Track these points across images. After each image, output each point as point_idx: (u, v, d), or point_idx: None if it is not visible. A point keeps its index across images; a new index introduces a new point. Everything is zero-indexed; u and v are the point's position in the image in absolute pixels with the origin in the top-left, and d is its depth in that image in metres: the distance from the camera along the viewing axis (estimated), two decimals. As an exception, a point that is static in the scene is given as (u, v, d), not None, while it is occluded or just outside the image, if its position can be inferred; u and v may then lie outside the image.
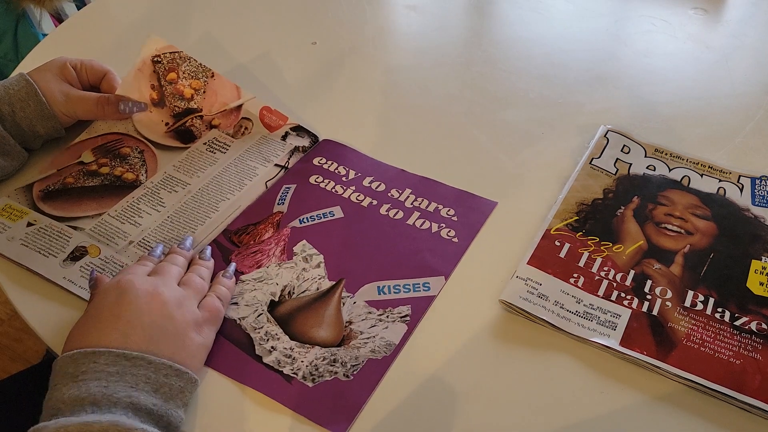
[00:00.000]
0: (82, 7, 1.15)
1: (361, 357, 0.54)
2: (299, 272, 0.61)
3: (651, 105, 0.80)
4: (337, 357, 0.54)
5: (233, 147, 0.73)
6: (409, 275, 0.60)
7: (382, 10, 1.01)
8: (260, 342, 0.56)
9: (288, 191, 0.68)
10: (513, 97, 0.82)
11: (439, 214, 0.66)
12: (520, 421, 0.51)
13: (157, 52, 0.76)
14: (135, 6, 1.01)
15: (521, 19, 0.98)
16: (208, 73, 0.77)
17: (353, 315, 0.57)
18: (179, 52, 0.77)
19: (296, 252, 0.63)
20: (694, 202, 0.66)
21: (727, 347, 0.53)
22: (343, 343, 0.55)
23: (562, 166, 0.71)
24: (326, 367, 0.54)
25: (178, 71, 0.76)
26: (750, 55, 0.89)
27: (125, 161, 0.71)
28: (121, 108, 0.73)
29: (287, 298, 0.59)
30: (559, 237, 0.62)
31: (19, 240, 0.63)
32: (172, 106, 0.76)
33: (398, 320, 0.57)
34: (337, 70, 0.87)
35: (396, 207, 0.67)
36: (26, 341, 1.44)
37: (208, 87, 0.77)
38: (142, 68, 0.76)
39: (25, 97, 0.69)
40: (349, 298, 0.59)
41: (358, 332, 0.56)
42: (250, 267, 0.62)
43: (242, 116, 0.76)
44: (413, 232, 0.64)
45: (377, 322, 0.57)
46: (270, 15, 0.98)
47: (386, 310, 0.58)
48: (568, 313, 0.56)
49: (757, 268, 0.59)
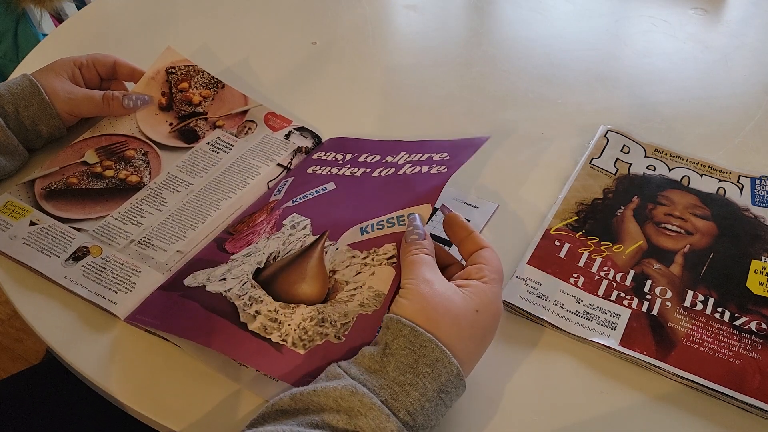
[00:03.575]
0: (82, 7, 1.14)
1: (350, 313, 0.51)
2: (286, 238, 0.59)
3: (651, 105, 0.80)
4: (325, 316, 0.52)
5: (236, 146, 0.73)
6: (393, 210, 0.55)
7: (382, 10, 1.01)
8: (244, 308, 0.53)
9: (286, 183, 0.68)
10: (513, 97, 0.82)
11: (432, 159, 0.62)
12: (520, 421, 0.51)
13: (173, 64, 0.78)
14: (135, 6, 1.01)
15: (521, 19, 0.98)
16: (219, 84, 0.79)
17: (336, 262, 0.54)
18: (194, 66, 0.79)
19: (285, 224, 0.61)
20: (694, 202, 0.66)
21: (727, 347, 0.53)
22: (329, 298, 0.52)
23: (562, 166, 0.71)
24: (315, 329, 0.51)
25: (191, 82, 0.78)
26: (750, 55, 0.89)
27: (129, 164, 0.71)
28: (126, 103, 0.73)
29: (272, 263, 0.57)
30: (559, 237, 0.63)
31: (21, 239, 0.63)
32: (178, 110, 0.77)
33: (384, 263, 0.53)
34: (337, 70, 0.87)
35: (389, 167, 0.63)
36: (26, 341, 1.44)
37: (217, 96, 0.78)
38: (155, 77, 0.77)
39: (28, 97, 0.69)
40: (332, 245, 0.56)
41: (344, 283, 0.53)
42: (240, 247, 0.61)
43: (247, 119, 0.76)
44: (403, 179, 0.60)
45: (362, 267, 0.53)
46: (270, 15, 0.98)
47: (370, 251, 0.54)
48: (568, 313, 0.56)
49: (757, 267, 0.59)
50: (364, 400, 0.42)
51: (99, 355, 0.56)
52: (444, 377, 0.44)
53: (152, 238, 0.64)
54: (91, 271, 0.60)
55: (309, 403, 0.43)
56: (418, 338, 0.44)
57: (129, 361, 0.55)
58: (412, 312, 0.46)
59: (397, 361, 0.44)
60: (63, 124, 0.72)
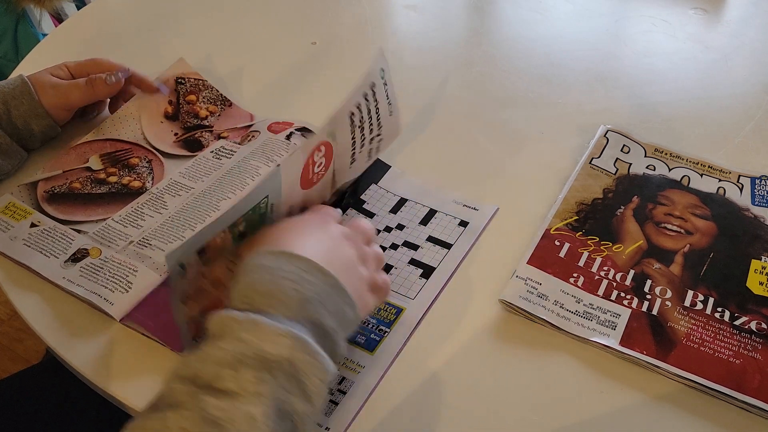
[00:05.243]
0: (82, 7, 1.15)
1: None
2: None
3: (651, 105, 0.80)
4: None
5: (239, 152, 0.73)
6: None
7: (382, 10, 1.01)
8: None
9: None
10: (513, 97, 0.82)
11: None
12: (520, 421, 0.51)
13: (183, 75, 0.79)
14: (135, 6, 1.01)
15: (521, 19, 0.98)
16: (226, 102, 0.79)
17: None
18: (203, 80, 0.80)
19: None
20: (694, 202, 0.66)
21: (727, 347, 0.53)
22: None
23: (562, 166, 0.71)
24: None
25: (199, 95, 0.79)
26: (750, 55, 0.89)
27: (133, 171, 0.71)
28: (108, 80, 0.73)
29: None
30: (559, 237, 0.63)
31: (21, 240, 0.63)
32: (184, 121, 0.77)
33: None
34: (337, 70, 0.87)
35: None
36: (26, 341, 1.44)
37: (224, 113, 0.79)
38: (166, 83, 0.78)
39: (18, 95, 0.69)
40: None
41: None
42: None
43: (251, 129, 0.76)
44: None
45: None
46: (270, 15, 0.98)
47: None
48: (568, 313, 0.56)
49: (757, 267, 0.59)
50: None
51: (98, 355, 0.56)
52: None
53: (151, 239, 0.64)
54: (89, 272, 0.60)
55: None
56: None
57: (128, 361, 0.55)
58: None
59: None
60: (55, 122, 0.72)
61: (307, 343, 0.43)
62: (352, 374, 0.53)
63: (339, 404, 0.51)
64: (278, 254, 0.47)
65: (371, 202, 0.68)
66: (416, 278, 0.61)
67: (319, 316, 0.45)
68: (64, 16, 1.50)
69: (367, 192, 0.69)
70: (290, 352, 0.42)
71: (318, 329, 0.45)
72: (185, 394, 0.40)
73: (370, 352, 0.55)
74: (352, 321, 0.48)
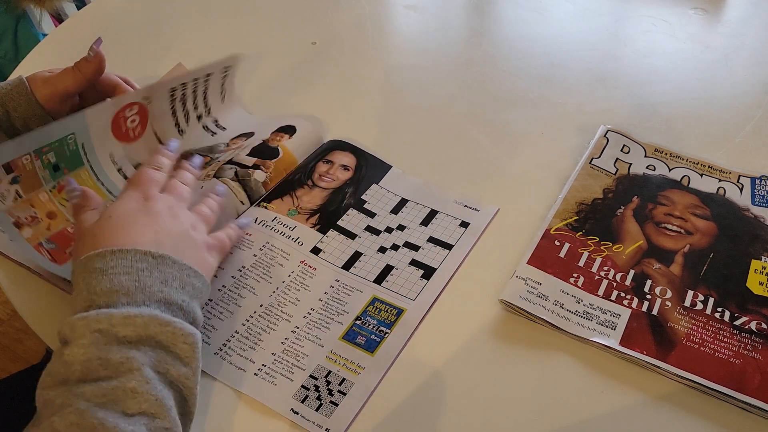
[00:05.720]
0: (82, 7, 1.15)
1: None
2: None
3: (651, 105, 0.80)
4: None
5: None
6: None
7: (382, 10, 1.01)
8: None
9: None
10: (513, 97, 0.82)
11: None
12: (520, 421, 0.51)
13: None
14: (135, 6, 1.01)
15: (521, 19, 0.98)
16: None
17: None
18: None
19: None
20: (694, 202, 0.66)
21: (727, 347, 0.53)
22: None
23: (562, 166, 0.71)
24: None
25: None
26: (750, 55, 0.90)
27: None
28: (88, 56, 0.72)
29: None
30: (559, 237, 0.63)
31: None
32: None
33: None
34: (337, 70, 0.87)
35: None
36: (26, 341, 1.44)
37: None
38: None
39: (16, 96, 0.69)
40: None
41: None
42: None
43: None
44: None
45: None
46: (270, 15, 0.98)
47: None
48: (568, 313, 0.56)
49: (757, 267, 0.59)
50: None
51: (99, 355, 0.56)
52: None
53: None
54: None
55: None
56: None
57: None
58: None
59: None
60: (53, 120, 0.71)
61: (158, 316, 0.45)
62: (353, 375, 0.53)
63: (339, 405, 0.51)
64: (105, 254, 0.48)
65: (372, 202, 0.68)
66: (417, 279, 0.61)
67: (163, 294, 0.47)
68: (64, 16, 1.50)
69: (368, 192, 0.69)
70: (146, 329, 0.44)
71: (169, 306, 0.47)
72: (61, 397, 0.42)
73: (370, 353, 0.55)
74: (201, 288, 0.51)
